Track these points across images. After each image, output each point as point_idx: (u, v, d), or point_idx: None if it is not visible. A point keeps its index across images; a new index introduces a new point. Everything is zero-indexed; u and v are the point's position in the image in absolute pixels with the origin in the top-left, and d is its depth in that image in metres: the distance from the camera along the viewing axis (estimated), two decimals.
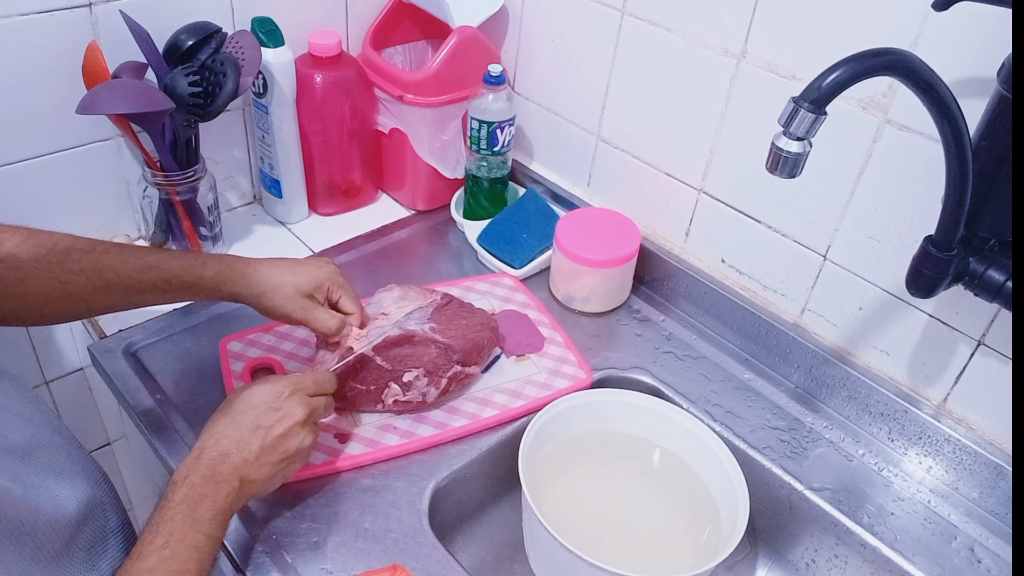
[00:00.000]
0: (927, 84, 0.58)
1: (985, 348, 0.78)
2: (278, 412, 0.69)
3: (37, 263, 0.69)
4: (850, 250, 0.85)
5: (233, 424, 0.67)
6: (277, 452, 0.68)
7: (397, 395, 0.83)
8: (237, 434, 0.66)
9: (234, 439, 0.66)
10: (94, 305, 0.75)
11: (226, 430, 0.67)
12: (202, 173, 0.98)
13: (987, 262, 0.69)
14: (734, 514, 0.76)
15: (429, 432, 0.83)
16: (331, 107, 1.06)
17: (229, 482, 0.64)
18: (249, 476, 0.66)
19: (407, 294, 0.91)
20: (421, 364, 0.83)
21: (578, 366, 0.92)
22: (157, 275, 0.75)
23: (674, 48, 0.93)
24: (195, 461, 0.64)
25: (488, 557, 0.87)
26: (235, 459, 0.65)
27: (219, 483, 0.63)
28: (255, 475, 0.66)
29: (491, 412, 0.86)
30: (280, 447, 0.68)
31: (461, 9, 1.06)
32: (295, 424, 0.69)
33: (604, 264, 0.97)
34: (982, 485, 0.81)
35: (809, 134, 0.58)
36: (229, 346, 0.90)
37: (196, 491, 0.62)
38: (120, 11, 0.89)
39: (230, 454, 0.65)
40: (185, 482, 0.63)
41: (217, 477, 0.64)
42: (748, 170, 0.91)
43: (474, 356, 0.86)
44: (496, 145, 1.06)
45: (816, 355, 0.90)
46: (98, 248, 0.74)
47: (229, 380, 0.86)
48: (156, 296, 0.77)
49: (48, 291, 0.71)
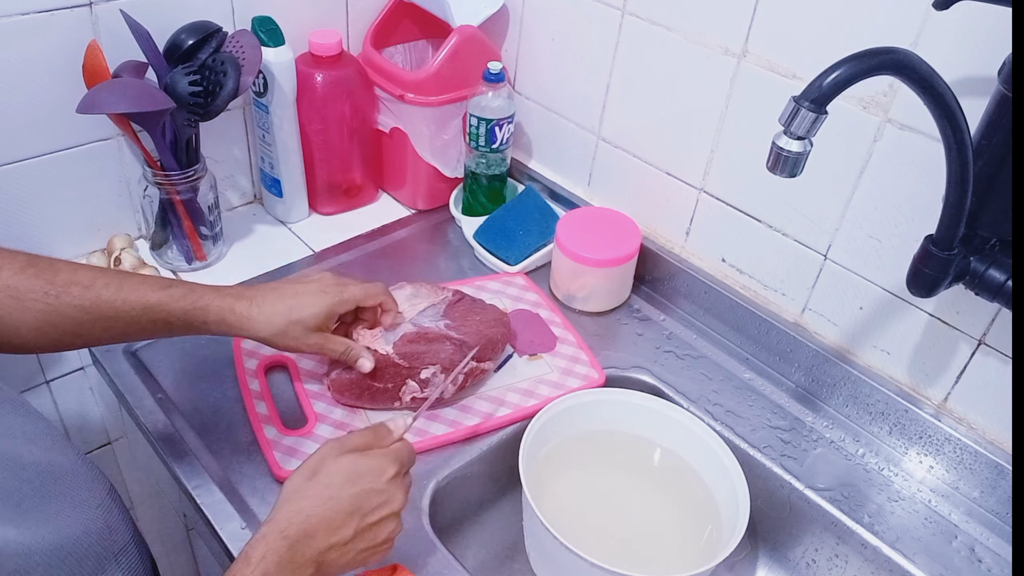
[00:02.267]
0: (928, 83, 0.58)
1: (986, 347, 0.78)
2: (380, 496, 0.62)
3: (35, 294, 0.66)
4: (851, 249, 0.85)
5: (327, 502, 0.60)
6: (366, 540, 0.61)
7: (415, 392, 0.83)
8: (331, 515, 0.60)
9: (325, 520, 0.59)
10: (90, 339, 0.71)
11: (318, 507, 0.59)
12: (202, 172, 0.98)
13: (988, 261, 0.69)
14: (735, 513, 0.76)
15: (443, 431, 0.83)
16: (331, 106, 1.05)
17: (305, 569, 0.58)
18: (329, 561, 0.60)
19: (419, 292, 0.91)
20: (438, 360, 0.83)
21: (590, 366, 0.92)
22: (158, 315, 0.71)
23: (675, 47, 0.92)
24: (276, 539, 0.58)
25: (488, 557, 0.87)
26: (321, 543, 0.59)
27: (295, 570, 0.58)
28: (336, 562, 0.60)
29: (504, 411, 0.86)
30: (371, 535, 0.62)
31: (461, 8, 1.06)
32: (393, 513, 0.63)
33: (605, 263, 0.97)
34: (983, 484, 0.81)
35: (810, 133, 0.58)
36: (242, 344, 0.90)
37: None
38: (120, 10, 0.89)
39: (316, 537, 0.59)
40: (260, 565, 0.56)
41: (296, 562, 0.58)
42: (749, 169, 0.91)
43: (488, 352, 0.87)
44: (494, 142, 1.06)
45: (817, 354, 0.90)
46: (99, 282, 0.70)
47: (244, 379, 0.86)
48: (153, 334, 0.73)
49: (43, 322, 0.67)
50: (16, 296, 0.66)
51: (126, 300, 0.70)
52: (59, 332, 0.69)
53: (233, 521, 0.73)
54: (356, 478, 0.61)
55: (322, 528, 0.59)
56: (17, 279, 0.66)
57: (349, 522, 0.60)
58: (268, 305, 0.75)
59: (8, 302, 0.66)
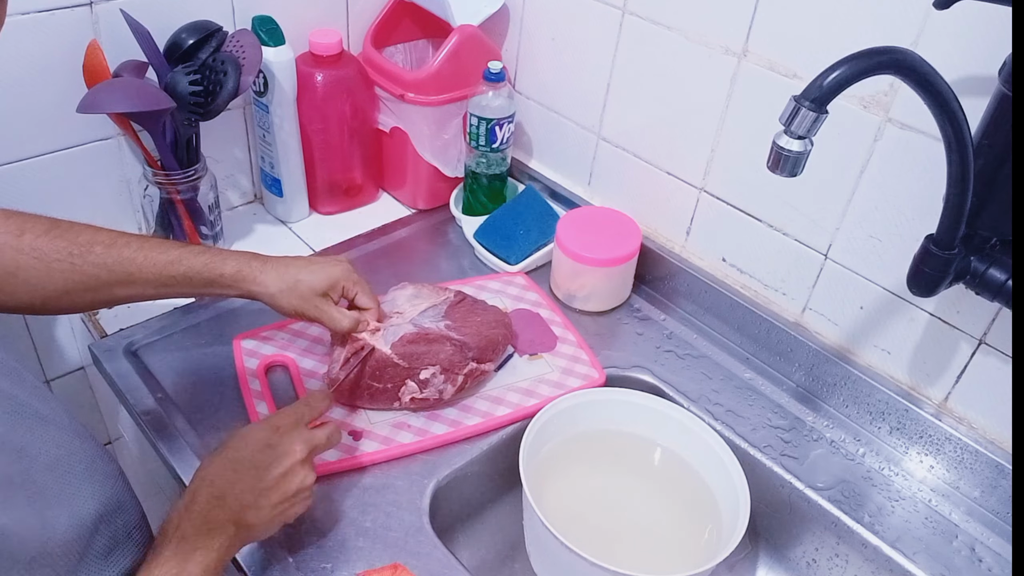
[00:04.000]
0: (928, 82, 0.58)
1: (986, 347, 0.78)
2: (275, 450, 0.65)
3: (58, 254, 0.69)
4: (851, 249, 0.85)
5: (228, 465, 0.63)
6: (277, 493, 0.64)
7: (414, 392, 0.83)
8: (232, 476, 0.63)
9: (229, 480, 0.62)
10: (114, 297, 0.75)
11: (221, 471, 0.63)
12: (203, 172, 0.98)
13: (988, 261, 0.69)
14: (735, 513, 0.76)
15: (443, 430, 0.83)
16: (332, 106, 1.05)
17: (223, 529, 0.60)
18: (246, 520, 0.62)
19: (420, 292, 0.91)
20: (437, 361, 0.83)
21: (591, 365, 0.92)
22: (178, 270, 0.75)
23: (675, 47, 0.92)
24: (188, 507, 0.60)
25: (489, 556, 0.87)
26: (231, 502, 0.61)
27: (212, 531, 0.59)
28: (253, 519, 0.63)
29: (504, 411, 0.86)
30: (280, 488, 0.64)
31: (462, 7, 1.06)
32: (295, 463, 0.65)
33: (605, 263, 0.97)
34: (983, 484, 0.81)
35: (810, 133, 0.58)
36: (243, 344, 0.90)
37: (187, 544, 0.58)
38: (121, 10, 0.89)
39: (225, 497, 0.61)
40: (176, 533, 0.59)
41: (210, 524, 0.60)
42: (749, 169, 0.91)
43: (489, 353, 0.87)
44: (495, 142, 1.06)
45: (817, 354, 0.90)
46: (119, 241, 0.74)
47: (244, 378, 0.86)
48: (176, 290, 0.77)
49: (70, 283, 0.71)
50: (40, 258, 0.69)
51: (148, 256, 0.74)
52: (84, 291, 0.72)
53: None
54: (252, 440, 0.65)
55: (227, 488, 0.62)
56: (41, 241, 0.69)
57: (248, 479, 0.63)
58: (280, 265, 0.80)
59: (33, 264, 0.69)
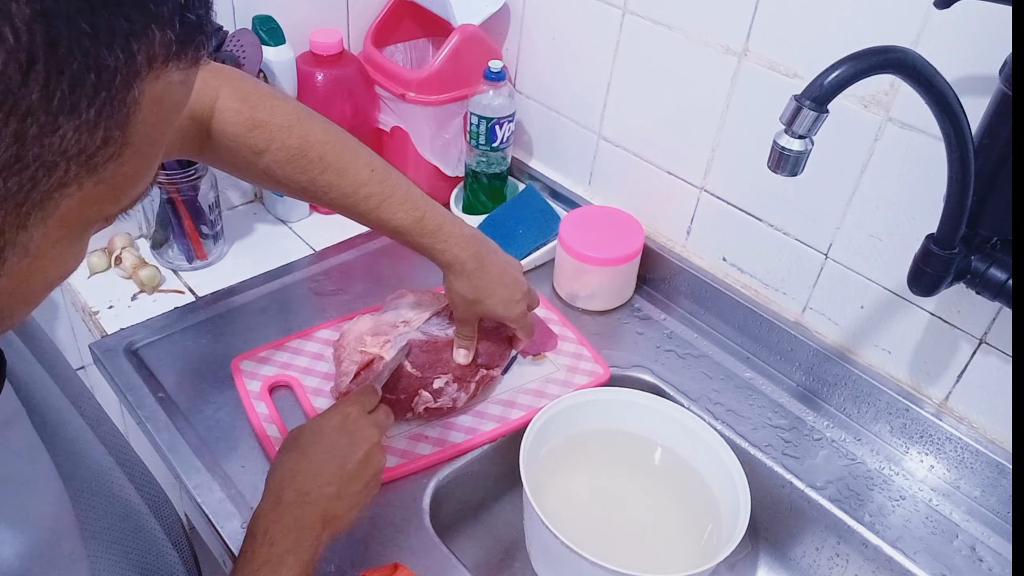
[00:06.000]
0: (929, 82, 0.58)
1: (987, 347, 0.78)
2: (352, 436, 0.64)
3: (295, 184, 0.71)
4: (852, 248, 0.85)
5: (305, 457, 0.62)
6: (359, 480, 0.63)
7: (428, 402, 0.82)
8: (312, 467, 0.61)
9: (311, 474, 0.61)
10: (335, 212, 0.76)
11: (299, 465, 0.61)
12: (203, 171, 0.98)
13: (989, 260, 0.69)
14: (735, 513, 0.76)
15: (461, 438, 0.83)
16: (332, 106, 1.05)
17: (313, 528, 0.59)
18: (334, 513, 0.60)
19: (422, 300, 0.91)
20: (449, 369, 0.83)
21: (595, 361, 0.93)
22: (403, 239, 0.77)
23: (676, 46, 0.92)
24: (274, 508, 0.59)
25: (489, 555, 0.87)
26: (316, 496, 0.60)
27: (303, 532, 0.58)
28: (339, 510, 0.61)
29: (518, 413, 0.86)
30: (361, 474, 0.63)
31: (463, 7, 1.05)
32: (373, 446, 0.65)
33: (608, 263, 0.97)
34: (983, 484, 0.81)
35: (811, 132, 0.58)
36: (242, 365, 0.87)
37: (278, 548, 0.57)
38: None
39: (310, 492, 0.60)
40: (266, 538, 0.57)
41: (299, 523, 0.58)
42: (750, 168, 0.91)
43: (496, 358, 0.87)
44: (495, 141, 1.06)
45: (818, 353, 0.90)
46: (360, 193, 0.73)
47: (248, 401, 0.83)
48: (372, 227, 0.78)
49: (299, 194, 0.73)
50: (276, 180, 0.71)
51: (379, 218, 0.75)
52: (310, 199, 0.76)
53: (234, 520, 0.73)
54: (324, 429, 0.64)
55: (310, 482, 0.60)
56: (282, 169, 0.70)
57: (329, 468, 0.62)
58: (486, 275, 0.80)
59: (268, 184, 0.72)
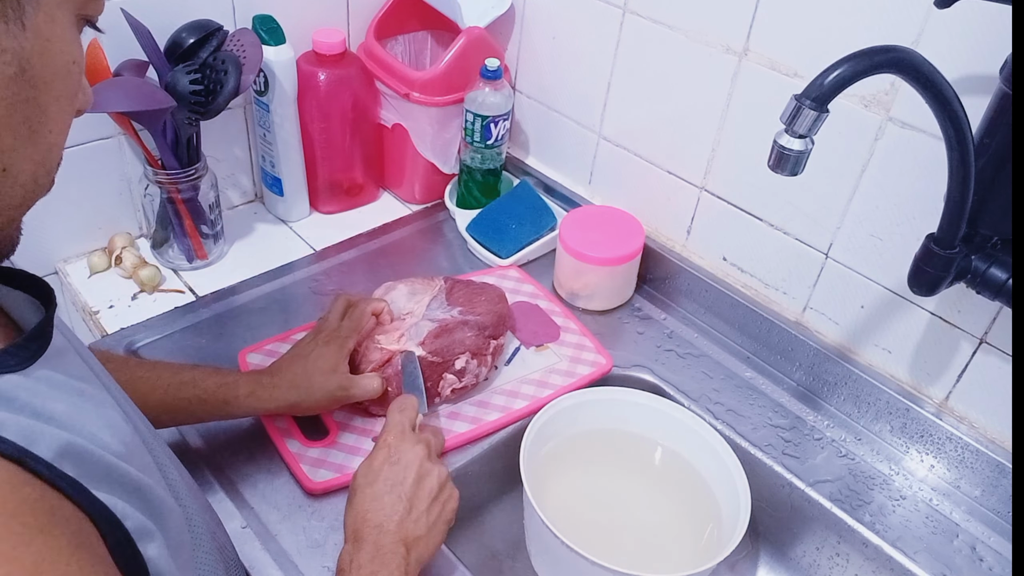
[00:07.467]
0: (929, 81, 0.58)
1: (987, 346, 0.78)
2: (399, 463, 0.68)
3: None
4: (852, 248, 0.85)
5: (368, 499, 0.66)
6: (423, 499, 0.67)
7: (454, 383, 0.84)
8: (377, 504, 0.65)
9: (377, 509, 0.65)
10: None
11: (367, 505, 0.66)
12: (203, 171, 0.98)
13: (989, 260, 0.69)
14: (736, 512, 0.76)
15: (465, 428, 0.83)
16: (334, 105, 1.05)
17: (395, 551, 0.63)
18: (412, 535, 0.65)
19: (414, 287, 0.91)
20: (466, 348, 0.84)
21: (597, 351, 0.93)
22: (191, 392, 0.73)
23: (676, 46, 0.92)
24: (355, 545, 0.63)
25: (489, 556, 0.87)
26: (390, 525, 0.64)
27: (386, 556, 0.62)
28: (416, 531, 0.65)
29: (522, 403, 0.87)
30: (422, 493, 0.67)
31: (471, 9, 1.06)
32: (422, 463, 0.68)
33: (608, 262, 0.97)
34: (984, 483, 0.81)
35: (811, 132, 0.58)
36: (248, 358, 0.88)
37: (366, 571, 0.61)
38: (121, 9, 0.88)
39: (382, 524, 0.64)
40: (352, 565, 0.61)
41: (382, 551, 0.62)
42: (750, 168, 0.91)
43: (501, 328, 0.89)
44: (489, 139, 1.06)
45: (818, 353, 0.90)
46: (131, 363, 0.75)
47: None
48: (189, 412, 0.74)
49: None
50: None
51: (160, 376, 0.73)
52: None
53: (235, 520, 0.73)
54: (376, 468, 0.68)
55: (381, 516, 0.65)
56: None
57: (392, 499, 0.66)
58: (288, 374, 0.77)
59: None
